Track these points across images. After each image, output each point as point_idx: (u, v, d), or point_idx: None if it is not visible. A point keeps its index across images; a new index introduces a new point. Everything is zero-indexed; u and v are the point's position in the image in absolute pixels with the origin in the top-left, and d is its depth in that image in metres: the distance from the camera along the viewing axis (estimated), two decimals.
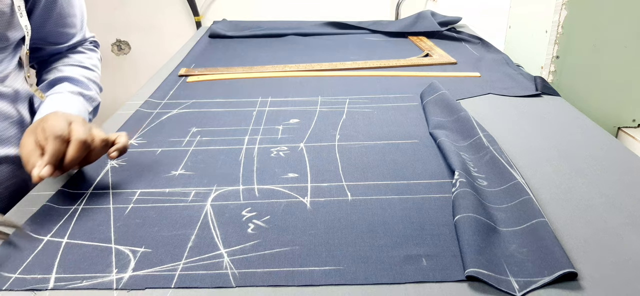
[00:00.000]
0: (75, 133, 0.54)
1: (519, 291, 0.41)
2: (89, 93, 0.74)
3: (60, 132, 0.52)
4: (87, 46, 0.84)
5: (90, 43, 0.86)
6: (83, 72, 0.77)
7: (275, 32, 1.37)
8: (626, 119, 1.08)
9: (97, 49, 0.88)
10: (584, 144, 0.68)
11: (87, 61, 0.80)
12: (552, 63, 1.05)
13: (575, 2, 1.00)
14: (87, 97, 0.74)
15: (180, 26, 2.19)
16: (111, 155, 0.57)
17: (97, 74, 0.82)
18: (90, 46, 0.85)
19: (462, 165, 0.59)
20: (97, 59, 0.85)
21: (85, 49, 0.84)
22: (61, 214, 0.53)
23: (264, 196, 0.56)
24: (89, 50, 0.84)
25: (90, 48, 0.85)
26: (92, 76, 0.79)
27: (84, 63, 0.79)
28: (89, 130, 0.56)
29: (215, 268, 0.44)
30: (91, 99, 0.75)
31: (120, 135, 0.59)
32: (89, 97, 0.74)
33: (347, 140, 0.71)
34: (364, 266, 0.44)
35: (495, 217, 0.51)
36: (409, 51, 1.19)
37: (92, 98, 0.75)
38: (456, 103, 0.78)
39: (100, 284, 0.42)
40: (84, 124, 0.56)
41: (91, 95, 0.75)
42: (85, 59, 0.81)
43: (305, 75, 1.01)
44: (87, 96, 0.74)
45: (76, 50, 0.82)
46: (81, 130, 0.54)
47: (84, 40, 0.84)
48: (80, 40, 0.82)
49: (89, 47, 0.85)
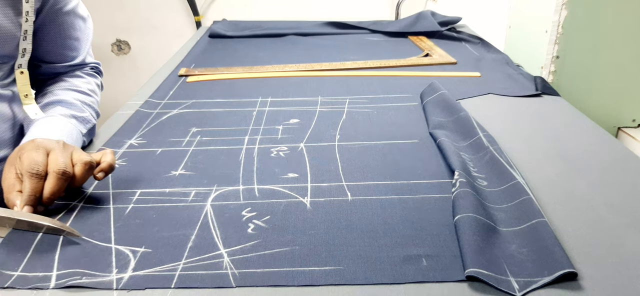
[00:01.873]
0: (52, 165, 0.52)
1: (519, 291, 0.41)
2: (82, 115, 0.71)
3: (36, 169, 0.50)
4: (87, 71, 0.81)
5: (92, 69, 0.83)
6: (77, 96, 0.74)
7: (275, 32, 1.37)
8: (626, 119, 1.08)
9: (99, 76, 0.85)
10: (584, 144, 0.68)
11: (84, 85, 0.77)
12: (552, 63, 1.05)
13: (575, 2, 1.00)
14: (80, 119, 0.70)
15: (180, 26, 2.19)
16: (97, 176, 0.55)
17: (95, 99, 0.78)
18: (91, 72, 0.82)
19: (462, 165, 0.59)
20: (95, 84, 0.81)
21: (85, 74, 0.80)
22: (61, 214, 0.53)
23: (264, 196, 0.56)
24: (88, 76, 0.81)
25: (90, 73, 0.82)
26: (87, 100, 0.75)
27: (80, 87, 0.76)
28: (68, 156, 0.53)
29: (215, 268, 0.44)
30: (85, 120, 0.71)
31: (105, 153, 0.57)
32: (82, 119, 0.70)
33: (347, 140, 0.71)
34: (364, 266, 0.44)
35: (495, 217, 0.51)
36: (409, 51, 1.19)
37: (86, 119, 0.71)
38: (456, 103, 0.78)
39: (101, 284, 0.42)
40: (64, 151, 0.54)
41: (85, 116, 0.71)
42: (83, 84, 0.77)
43: (305, 75, 1.01)
44: (80, 118, 0.70)
45: (74, 74, 0.79)
46: (60, 160, 0.52)
47: (83, 64, 0.81)
48: (80, 63, 0.79)
49: (88, 72, 0.82)
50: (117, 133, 0.74)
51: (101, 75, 0.86)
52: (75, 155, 0.55)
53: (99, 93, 0.82)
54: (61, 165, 0.52)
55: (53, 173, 0.51)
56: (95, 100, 0.78)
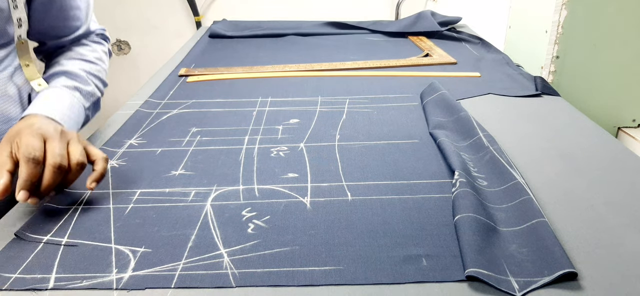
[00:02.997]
0: (49, 156, 0.51)
1: (519, 291, 0.41)
2: (86, 89, 0.71)
3: (33, 154, 0.50)
4: (93, 39, 0.80)
5: (98, 36, 0.82)
6: (83, 65, 0.73)
7: (275, 32, 1.37)
8: (626, 119, 1.08)
9: (106, 42, 0.83)
10: (584, 144, 0.68)
11: (90, 54, 0.76)
12: (552, 63, 1.06)
13: (575, 2, 1.00)
14: (84, 92, 0.70)
15: (180, 26, 2.18)
16: (89, 186, 0.53)
17: (102, 67, 0.77)
18: (97, 39, 0.81)
19: (462, 165, 0.59)
20: (103, 51, 0.80)
21: (91, 42, 0.79)
22: (61, 214, 0.53)
23: (264, 196, 0.56)
24: (95, 43, 0.80)
25: (97, 41, 0.81)
26: (93, 69, 0.74)
27: (87, 56, 0.75)
28: (64, 149, 0.53)
29: (215, 268, 0.44)
30: (89, 94, 0.71)
31: (98, 159, 0.55)
32: (87, 92, 0.70)
33: (347, 140, 0.71)
34: (364, 266, 0.44)
35: (495, 217, 0.51)
36: (409, 51, 1.19)
37: (91, 93, 0.71)
38: (456, 103, 0.78)
39: (100, 284, 0.42)
40: (61, 141, 0.53)
41: (89, 90, 0.71)
42: (89, 52, 0.77)
43: (305, 75, 1.01)
44: (85, 91, 0.70)
45: (80, 43, 0.78)
46: (56, 152, 0.51)
47: (89, 32, 0.79)
48: (85, 32, 0.78)
49: (95, 39, 0.80)
50: (117, 133, 0.74)
51: (108, 41, 0.85)
52: (72, 149, 0.54)
53: (106, 60, 0.81)
54: (57, 159, 0.51)
55: (50, 165, 0.51)
56: (102, 69, 0.77)
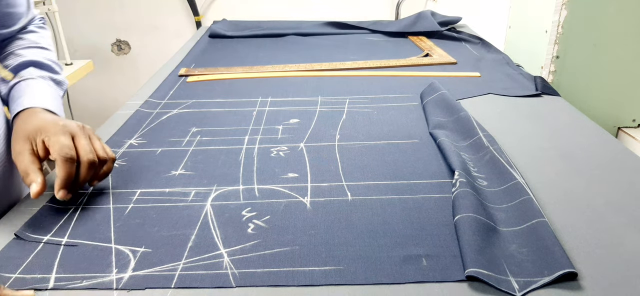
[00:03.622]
0: (82, 153, 0.54)
1: (519, 291, 0.41)
2: (57, 78, 0.71)
3: (70, 154, 0.53)
4: (38, 24, 0.79)
5: (40, 20, 0.80)
6: (43, 53, 0.73)
7: (275, 32, 1.37)
8: (626, 119, 1.08)
9: (46, 27, 0.82)
10: (584, 144, 0.68)
11: (42, 41, 0.75)
12: (552, 63, 1.06)
13: (575, 2, 1.00)
14: (56, 82, 0.70)
15: (180, 26, 2.19)
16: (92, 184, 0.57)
17: (54, 54, 0.77)
18: (40, 24, 0.80)
19: (462, 165, 0.59)
20: (49, 37, 0.79)
21: (36, 28, 0.78)
22: (61, 214, 0.53)
23: (264, 196, 0.56)
24: (40, 28, 0.79)
25: (41, 26, 0.79)
26: (52, 57, 0.74)
27: (41, 43, 0.74)
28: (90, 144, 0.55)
29: (215, 268, 0.44)
30: (60, 83, 0.71)
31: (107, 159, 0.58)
32: (58, 82, 0.71)
33: (347, 140, 0.71)
34: (364, 266, 0.44)
35: (495, 216, 0.51)
36: (409, 51, 1.19)
37: (61, 82, 0.72)
38: (456, 103, 0.78)
39: (100, 284, 0.42)
40: (86, 137, 0.56)
41: (59, 79, 0.71)
42: (40, 39, 0.75)
43: (305, 75, 1.01)
44: (57, 80, 0.70)
45: (27, 30, 0.76)
46: (87, 149, 0.54)
47: (32, 19, 0.78)
48: (30, 19, 0.77)
49: (39, 24, 0.79)
50: (117, 133, 0.74)
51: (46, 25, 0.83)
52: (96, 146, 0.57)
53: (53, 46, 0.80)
54: (90, 156, 0.54)
55: (84, 162, 0.54)
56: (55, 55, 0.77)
